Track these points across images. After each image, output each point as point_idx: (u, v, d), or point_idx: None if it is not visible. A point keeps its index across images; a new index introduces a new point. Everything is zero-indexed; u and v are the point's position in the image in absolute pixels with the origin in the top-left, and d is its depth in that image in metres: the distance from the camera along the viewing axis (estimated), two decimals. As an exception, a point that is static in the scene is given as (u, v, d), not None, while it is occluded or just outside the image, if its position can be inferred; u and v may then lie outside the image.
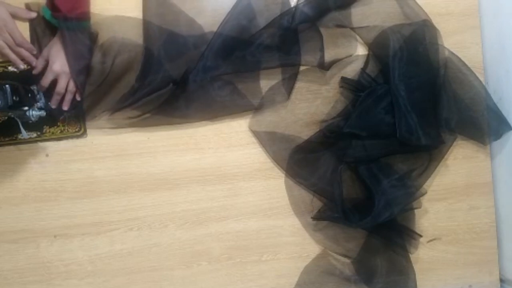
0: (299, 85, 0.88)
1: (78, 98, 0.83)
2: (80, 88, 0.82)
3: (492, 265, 0.92)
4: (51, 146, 0.85)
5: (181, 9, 0.85)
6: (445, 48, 0.88)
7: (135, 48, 0.84)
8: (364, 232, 0.89)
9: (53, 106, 0.83)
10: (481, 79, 0.89)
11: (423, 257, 0.91)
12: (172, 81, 0.84)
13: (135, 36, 0.84)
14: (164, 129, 0.87)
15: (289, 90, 0.87)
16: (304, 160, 0.88)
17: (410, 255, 0.89)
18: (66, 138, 0.85)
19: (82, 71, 0.81)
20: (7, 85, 0.73)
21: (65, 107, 0.83)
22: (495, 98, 0.89)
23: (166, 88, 0.84)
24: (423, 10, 0.87)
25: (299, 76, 0.87)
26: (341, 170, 0.86)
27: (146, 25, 0.84)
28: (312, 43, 0.86)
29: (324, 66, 0.86)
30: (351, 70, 0.89)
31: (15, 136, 0.84)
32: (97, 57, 0.82)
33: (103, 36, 0.83)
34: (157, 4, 0.84)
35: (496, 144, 0.91)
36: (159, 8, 0.84)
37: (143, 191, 0.87)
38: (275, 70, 0.87)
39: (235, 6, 0.84)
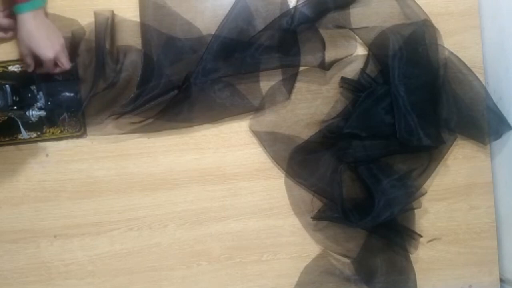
0: (299, 85, 0.88)
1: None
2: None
3: (492, 265, 0.92)
4: (51, 146, 0.85)
5: (178, 12, 0.85)
6: (445, 48, 0.88)
7: (137, 53, 0.84)
8: (364, 232, 0.89)
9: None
10: (481, 79, 0.89)
11: (423, 257, 0.91)
12: (175, 87, 0.84)
13: (134, 38, 0.84)
14: (164, 129, 0.87)
15: (290, 90, 0.87)
16: (304, 160, 0.88)
17: (410, 255, 0.89)
18: (66, 138, 0.85)
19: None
20: (7, 85, 0.73)
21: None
22: (495, 98, 0.89)
23: (169, 94, 0.84)
24: (423, 10, 0.87)
25: (299, 76, 0.87)
26: (341, 170, 0.86)
27: (144, 29, 0.84)
28: (312, 44, 0.86)
29: (324, 67, 0.86)
30: (351, 70, 0.88)
31: (15, 136, 0.84)
32: (107, 64, 0.82)
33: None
34: (153, 8, 0.84)
35: (496, 144, 0.91)
36: (156, 12, 0.84)
37: (143, 191, 0.87)
38: (275, 71, 0.87)
39: (232, 9, 0.84)
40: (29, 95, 0.79)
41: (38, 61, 0.79)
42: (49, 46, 0.76)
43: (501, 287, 0.93)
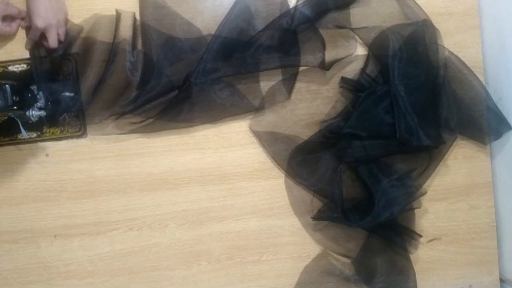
0: (299, 85, 0.88)
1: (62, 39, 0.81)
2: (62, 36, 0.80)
3: (492, 265, 0.92)
4: (51, 146, 0.85)
5: (178, 12, 0.85)
6: (445, 48, 0.88)
7: (137, 53, 0.84)
8: (364, 232, 0.89)
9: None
10: (481, 79, 0.89)
11: (423, 257, 0.91)
12: (175, 87, 0.84)
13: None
14: (164, 129, 0.87)
15: (290, 90, 0.87)
16: (304, 160, 0.88)
17: (410, 255, 0.89)
18: (66, 138, 0.85)
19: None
20: (7, 85, 0.73)
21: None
22: (495, 98, 0.88)
23: (169, 94, 0.84)
24: (423, 10, 0.87)
25: (299, 76, 0.87)
26: (341, 170, 0.86)
27: (144, 28, 0.84)
28: (312, 44, 0.86)
29: (324, 67, 0.86)
30: (351, 70, 0.89)
31: (15, 136, 0.84)
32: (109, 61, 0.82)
33: (104, 36, 0.83)
34: (153, 8, 0.84)
35: (496, 144, 0.91)
36: (156, 11, 0.84)
37: (143, 191, 0.87)
38: (275, 71, 0.87)
39: (232, 9, 0.84)
40: (29, 95, 0.79)
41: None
42: (43, 17, 0.76)
43: (501, 287, 0.93)
